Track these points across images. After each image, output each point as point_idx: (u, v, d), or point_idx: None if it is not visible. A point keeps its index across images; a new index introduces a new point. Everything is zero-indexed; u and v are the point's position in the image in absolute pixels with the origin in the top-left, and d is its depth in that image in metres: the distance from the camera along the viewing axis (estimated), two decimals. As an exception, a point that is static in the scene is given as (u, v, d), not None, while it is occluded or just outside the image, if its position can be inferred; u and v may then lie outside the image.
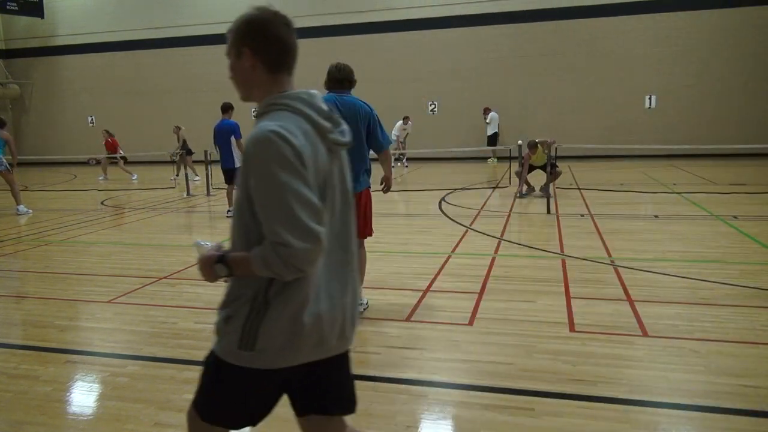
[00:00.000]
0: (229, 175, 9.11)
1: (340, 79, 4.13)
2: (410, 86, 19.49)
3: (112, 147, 16.85)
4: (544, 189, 9.87)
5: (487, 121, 18.35)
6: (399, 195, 11.72)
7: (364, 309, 4.40)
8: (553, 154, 10.22)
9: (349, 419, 1.89)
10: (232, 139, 8.97)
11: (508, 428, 2.76)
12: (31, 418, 2.99)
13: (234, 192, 2.00)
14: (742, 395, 2.99)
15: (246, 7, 1.65)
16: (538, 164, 10.32)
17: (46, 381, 3.41)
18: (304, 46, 1.71)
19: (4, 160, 10.02)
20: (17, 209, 10.14)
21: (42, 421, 2.95)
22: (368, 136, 4.15)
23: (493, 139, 18.31)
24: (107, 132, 17.19)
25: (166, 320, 4.42)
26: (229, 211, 9.26)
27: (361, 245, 4.37)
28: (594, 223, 7.78)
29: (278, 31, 1.65)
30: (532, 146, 10.19)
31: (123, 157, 16.79)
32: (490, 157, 18.54)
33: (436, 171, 16.42)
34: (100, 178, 16.81)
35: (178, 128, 16.00)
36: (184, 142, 15.82)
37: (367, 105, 4.17)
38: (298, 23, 1.70)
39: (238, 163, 8.99)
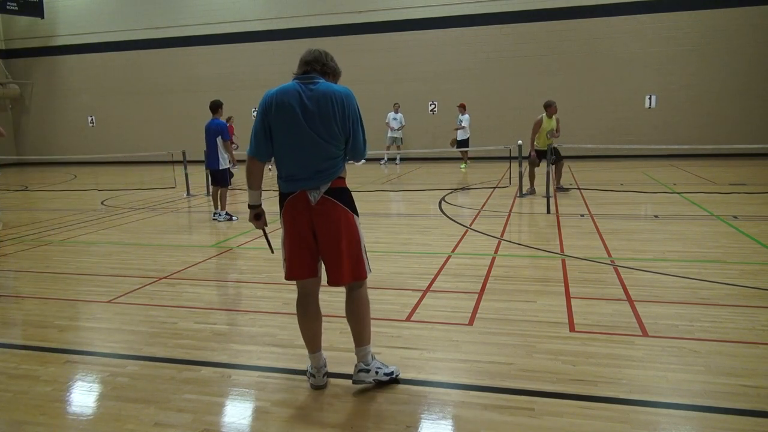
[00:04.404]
0: (214, 176, 8.88)
1: (307, 60, 2.95)
2: (410, 86, 19.50)
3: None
4: (559, 188, 9.95)
5: (462, 123, 16.31)
6: (399, 195, 11.72)
7: (395, 376, 3.24)
8: (554, 144, 10.31)
9: None
10: (219, 139, 8.69)
11: (508, 428, 2.76)
12: (31, 418, 2.99)
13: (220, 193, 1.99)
14: (742, 395, 2.99)
15: (245, 7, 1.66)
16: (542, 146, 10.21)
17: (46, 381, 3.41)
18: (303, 46, 1.72)
19: None
20: None
21: (42, 421, 2.95)
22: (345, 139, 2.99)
23: (466, 143, 16.63)
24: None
25: (166, 320, 4.42)
26: (215, 213, 9.02)
27: (357, 294, 3.15)
28: (594, 223, 7.78)
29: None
30: (549, 105, 10.18)
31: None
32: (464, 160, 17.15)
33: (435, 171, 16.42)
34: (234, 167, 16.57)
35: None
36: None
37: (346, 92, 2.95)
38: (298, 23, 1.71)
39: (223, 165, 8.80)
